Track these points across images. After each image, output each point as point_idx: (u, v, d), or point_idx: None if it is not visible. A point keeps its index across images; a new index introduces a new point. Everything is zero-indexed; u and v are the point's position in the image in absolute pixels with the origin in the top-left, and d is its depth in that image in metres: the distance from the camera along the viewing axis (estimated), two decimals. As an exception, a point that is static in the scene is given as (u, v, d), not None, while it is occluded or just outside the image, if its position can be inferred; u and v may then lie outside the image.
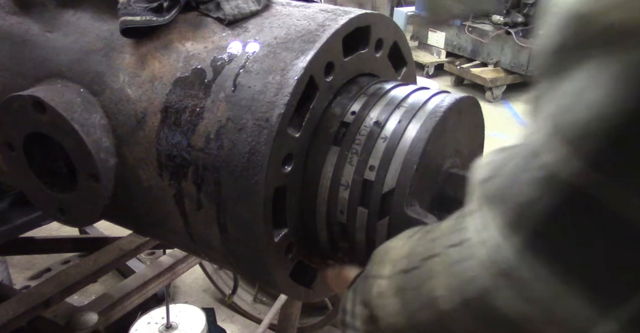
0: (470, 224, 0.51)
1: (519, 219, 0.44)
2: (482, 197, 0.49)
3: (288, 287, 0.99)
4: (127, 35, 0.99)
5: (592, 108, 0.38)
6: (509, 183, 0.45)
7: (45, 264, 3.12)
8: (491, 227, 0.47)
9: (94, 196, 1.01)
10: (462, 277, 0.50)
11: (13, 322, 1.54)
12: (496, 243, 0.46)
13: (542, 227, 0.42)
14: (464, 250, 0.50)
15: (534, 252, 0.43)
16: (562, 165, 0.40)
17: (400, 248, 0.65)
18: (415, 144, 0.83)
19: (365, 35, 0.98)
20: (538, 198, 0.42)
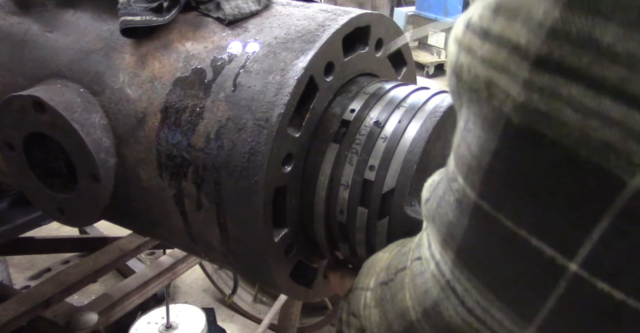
0: (422, 241, 0.55)
1: (447, 237, 0.48)
2: (424, 216, 0.54)
3: (288, 287, 0.99)
4: (127, 35, 0.99)
5: (467, 147, 0.44)
6: (437, 205, 0.50)
7: (45, 264, 3.12)
8: (433, 243, 0.51)
9: (94, 196, 1.01)
10: (421, 288, 0.53)
11: (13, 322, 1.54)
12: (439, 257, 0.50)
13: (463, 244, 0.46)
14: (423, 263, 0.54)
15: (463, 266, 0.47)
16: (462, 192, 0.45)
17: (384, 261, 0.69)
18: (415, 143, 0.83)
19: (365, 35, 0.99)
20: (456, 220, 0.46)
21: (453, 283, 0.48)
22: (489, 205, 0.42)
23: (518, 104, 0.37)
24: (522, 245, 0.41)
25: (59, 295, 1.66)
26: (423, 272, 0.53)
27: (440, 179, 0.53)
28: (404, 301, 0.57)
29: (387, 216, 0.84)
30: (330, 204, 0.91)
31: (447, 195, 0.48)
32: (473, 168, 0.43)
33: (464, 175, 0.45)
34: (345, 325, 0.75)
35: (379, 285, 0.65)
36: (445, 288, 0.49)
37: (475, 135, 0.42)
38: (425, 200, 0.54)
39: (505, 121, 0.39)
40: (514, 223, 0.41)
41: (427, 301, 0.52)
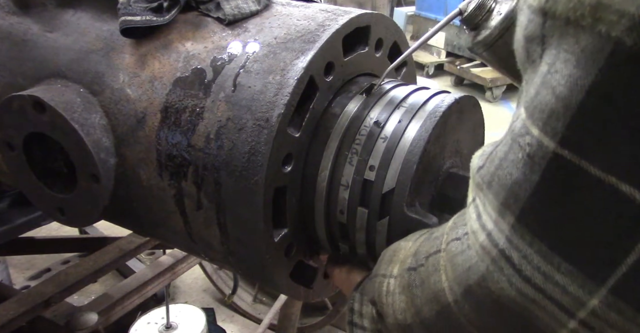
0: (468, 216, 0.53)
1: (509, 199, 0.46)
2: (476, 185, 0.51)
3: (288, 287, 0.99)
4: (127, 35, 0.99)
5: (552, 90, 0.41)
6: (498, 167, 0.48)
7: (45, 264, 3.12)
8: (487, 211, 0.49)
9: (94, 196, 1.01)
10: (463, 266, 0.51)
11: (13, 322, 1.54)
12: (492, 226, 0.48)
13: (530, 203, 0.44)
14: (464, 242, 0.52)
15: (524, 229, 0.44)
16: (536, 145, 0.43)
17: (409, 249, 0.67)
18: (415, 143, 0.83)
19: (365, 35, 0.98)
20: (523, 177, 0.44)
21: (509, 252, 0.45)
22: (571, 153, 0.40)
23: (637, 20, 0.35)
24: (609, 192, 0.38)
25: (59, 295, 1.66)
26: (465, 250, 0.51)
27: (497, 143, 0.50)
28: (439, 283, 0.55)
29: (387, 216, 0.84)
30: (330, 204, 0.91)
31: (511, 154, 0.46)
32: (557, 112, 0.41)
33: (542, 124, 0.42)
34: (357, 315, 0.74)
35: (406, 271, 0.63)
36: (497, 260, 0.47)
37: (564, 75, 0.40)
38: (478, 167, 0.52)
39: (612, 47, 0.36)
40: (601, 169, 0.39)
41: (471, 278, 0.50)
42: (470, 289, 0.50)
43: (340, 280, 0.96)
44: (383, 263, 0.71)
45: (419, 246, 0.65)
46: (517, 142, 0.45)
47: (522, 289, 0.45)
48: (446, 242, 0.56)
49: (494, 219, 0.47)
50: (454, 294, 0.53)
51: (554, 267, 0.43)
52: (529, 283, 0.44)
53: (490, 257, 0.47)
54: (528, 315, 0.46)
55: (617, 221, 0.39)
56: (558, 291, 0.43)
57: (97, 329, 1.65)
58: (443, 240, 0.57)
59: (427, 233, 0.67)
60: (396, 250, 0.71)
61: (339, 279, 0.96)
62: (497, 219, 0.47)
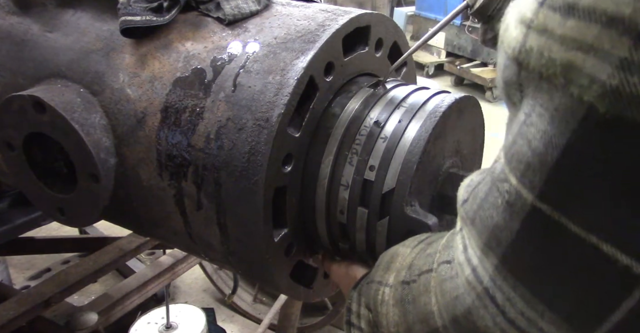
0: (455, 244, 0.52)
1: (491, 241, 0.45)
2: (461, 219, 0.50)
3: (288, 287, 0.99)
4: (127, 35, 0.99)
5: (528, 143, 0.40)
6: (479, 207, 0.47)
7: (45, 264, 3.12)
8: (471, 247, 0.48)
9: (93, 196, 1.01)
10: (451, 294, 0.50)
11: (13, 322, 1.54)
12: (477, 262, 0.47)
13: (512, 249, 0.43)
14: (453, 268, 0.51)
15: (507, 273, 0.43)
16: (515, 194, 0.42)
17: (405, 258, 0.67)
18: (415, 143, 0.83)
19: (365, 35, 0.98)
20: (504, 223, 0.43)
21: (493, 292, 0.45)
22: (550, 208, 0.39)
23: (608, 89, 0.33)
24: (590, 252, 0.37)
25: (59, 295, 1.66)
26: (453, 277, 0.50)
27: (481, 179, 0.49)
28: (429, 305, 0.54)
29: (387, 216, 0.84)
30: (330, 204, 0.91)
31: (491, 197, 0.45)
32: (534, 166, 0.39)
33: (519, 175, 0.41)
34: (355, 316, 0.73)
35: (400, 284, 0.62)
36: (482, 297, 0.46)
37: (539, 129, 0.39)
38: (463, 201, 0.51)
39: (585, 111, 0.35)
40: (582, 228, 0.37)
41: (457, 308, 0.49)
42: (457, 319, 0.50)
43: (339, 276, 0.95)
44: (380, 270, 0.71)
45: (414, 258, 0.64)
46: (496, 186, 0.44)
47: (507, 330, 0.44)
48: (438, 262, 0.56)
49: (478, 256, 0.46)
50: (443, 320, 0.52)
51: (538, 314, 0.42)
52: (513, 325, 0.44)
53: (476, 292, 0.47)
54: None
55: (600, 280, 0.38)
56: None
57: (97, 329, 1.65)
58: (435, 259, 0.57)
59: (424, 242, 0.67)
60: (394, 256, 0.70)
61: (338, 274, 0.96)
62: (481, 257, 0.46)
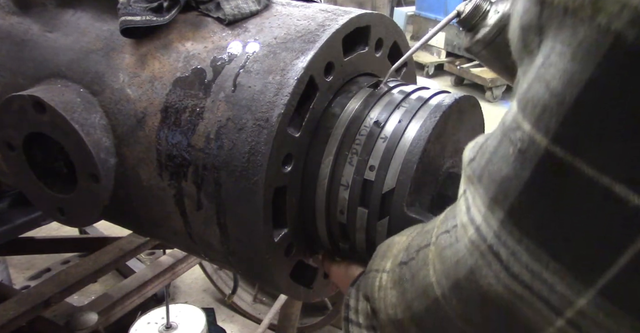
0: (458, 209, 0.52)
1: (499, 195, 0.45)
2: (467, 178, 0.50)
3: (288, 287, 0.99)
4: (127, 35, 0.99)
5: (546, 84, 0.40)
6: (488, 161, 0.47)
7: (45, 264, 3.12)
8: (477, 205, 0.48)
9: (93, 196, 1.01)
10: (451, 260, 0.50)
11: (13, 322, 1.54)
12: (480, 220, 0.47)
13: (520, 200, 0.43)
14: (452, 235, 0.52)
15: (513, 226, 0.44)
16: (528, 141, 0.42)
17: (402, 243, 0.67)
18: (415, 143, 0.83)
19: (365, 35, 0.98)
20: (514, 173, 0.43)
21: (496, 248, 0.45)
22: (564, 151, 0.39)
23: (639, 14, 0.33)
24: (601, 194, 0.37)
25: (59, 295, 1.66)
26: (453, 243, 0.51)
27: (488, 136, 0.49)
28: (427, 278, 0.54)
29: (387, 216, 0.84)
30: (330, 204, 0.91)
31: (502, 149, 0.45)
32: (550, 108, 0.39)
33: (534, 120, 0.41)
34: (353, 312, 0.73)
35: (398, 266, 0.63)
36: (485, 254, 0.46)
37: (559, 69, 0.39)
38: (469, 160, 0.51)
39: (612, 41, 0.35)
40: (595, 169, 0.37)
41: (459, 272, 0.49)
42: (459, 283, 0.50)
43: (339, 276, 0.95)
44: (377, 258, 0.71)
45: (411, 240, 0.64)
46: (507, 136, 0.44)
47: (510, 286, 0.44)
48: (436, 235, 0.56)
49: (483, 214, 0.47)
50: (442, 288, 0.52)
51: (542, 265, 0.42)
52: (516, 280, 0.44)
53: (479, 251, 0.47)
54: (515, 311, 0.45)
55: (609, 222, 0.38)
56: (546, 289, 0.42)
57: (97, 329, 1.65)
58: (433, 233, 0.57)
59: (420, 226, 0.67)
60: (390, 245, 0.71)
61: (337, 275, 0.96)
62: (486, 214, 0.46)
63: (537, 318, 0.44)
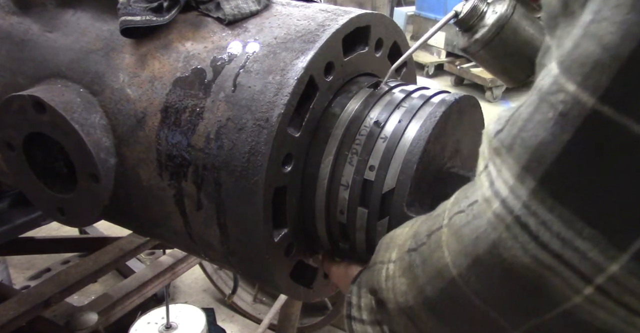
0: (478, 185, 0.51)
1: (532, 162, 0.44)
2: (494, 150, 0.49)
3: (288, 287, 0.99)
4: (127, 35, 0.99)
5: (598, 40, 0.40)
6: (521, 129, 0.46)
7: (45, 264, 3.12)
8: (503, 177, 0.47)
9: (93, 196, 1.01)
10: (469, 237, 0.50)
11: (13, 322, 1.54)
12: (507, 192, 0.46)
13: (556, 165, 0.43)
14: (469, 213, 0.51)
15: (546, 194, 0.43)
16: (571, 102, 0.41)
17: (406, 234, 0.66)
18: (415, 143, 0.83)
19: (365, 35, 0.98)
20: (552, 138, 0.43)
21: (524, 219, 0.44)
22: (612, 109, 0.39)
23: None
24: None
25: (59, 295, 1.66)
26: (471, 221, 0.50)
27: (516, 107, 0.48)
28: (442, 259, 0.54)
29: (387, 216, 0.84)
30: (330, 204, 0.91)
31: (539, 114, 0.44)
32: (602, 64, 0.39)
33: (580, 79, 0.40)
34: (355, 309, 0.73)
35: (406, 253, 0.62)
36: (511, 227, 0.46)
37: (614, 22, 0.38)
38: (496, 131, 0.49)
39: None
40: None
41: (479, 248, 0.49)
42: (479, 259, 0.49)
43: (339, 276, 0.95)
44: (381, 251, 0.71)
45: (417, 227, 0.64)
46: (546, 100, 0.44)
47: (537, 255, 0.44)
48: (448, 217, 0.55)
49: (510, 185, 0.46)
50: (459, 267, 0.52)
51: (576, 232, 0.42)
52: (545, 250, 0.44)
53: (504, 224, 0.46)
54: (541, 282, 0.45)
55: None
56: (577, 257, 0.42)
57: (97, 329, 1.65)
58: (445, 215, 0.56)
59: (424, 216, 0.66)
60: (393, 237, 0.70)
61: (337, 275, 0.96)
62: (514, 185, 0.46)
63: (564, 287, 0.44)
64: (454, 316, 0.56)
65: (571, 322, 0.46)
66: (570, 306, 0.45)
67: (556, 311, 0.46)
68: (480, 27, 0.93)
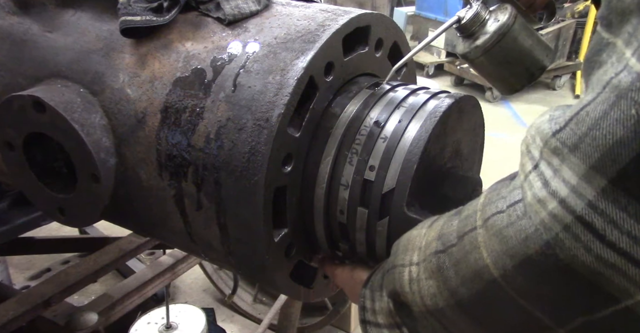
0: (527, 186, 0.51)
1: (605, 160, 0.44)
2: (552, 150, 0.49)
3: (288, 287, 0.99)
4: (127, 35, 0.99)
5: None
6: (592, 127, 0.45)
7: (45, 264, 3.12)
8: (563, 177, 0.47)
9: (93, 196, 1.01)
10: (517, 238, 0.49)
11: (13, 322, 1.54)
12: (567, 192, 0.46)
13: (637, 163, 0.42)
14: (512, 214, 0.51)
15: (620, 192, 0.43)
16: None
17: (425, 235, 0.66)
18: (415, 143, 0.83)
19: (365, 35, 0.98)
20: (633, 135, 0.42)
21: (590, 218, 0.44)
22: None
23: None
24: None
25: (59, 295, 1.66)
26: (516, 221, 0.50)
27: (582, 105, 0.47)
28: (480, 261, 0.53)
29: (387, 216, 0.84)
30: (330, 204, 0.91)
31: (615, 112, 0.44)
32: None
33: None
34: (370, 313, 0.73)
35: (434, 255, 0.61)
36: (571, 226, 0.45)
37: None
38: (554, 131, 0.49)
39: None
40: None
41: (529, 248, 0.48)
42: (529, 259, 0.49)
43: (343, 280, 0.95)
44: (399, 254, 0.70)
45: (440, 229, 0.63)
46: (627, 97, 0.43)
47: (602, 254, 0.44)
48: (483, 218, 0.55)
49: (574, 184, 0.46)
50: (502, 268, 0.51)
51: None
52: (611, 248, 0.44)
53: (563, 224, 0.46)
54: (601, 281, 0.45)
55: None
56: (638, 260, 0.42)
57: (97, 329, 1.65)
58: (477, 217, 0.56)
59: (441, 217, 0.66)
60: (410, 239, 0.69)
61: (342, 279, 0.95)
62: (578, 184, 0.45)
63: (628, 285, 0.44)
64: (491, 317, 0.56)
65: (629, 319, 0.46)
66: (632, 303, 0.45)
67: (613, 308, 0.46)
68: (482, 34, 0.95)
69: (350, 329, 2.90)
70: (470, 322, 0.57)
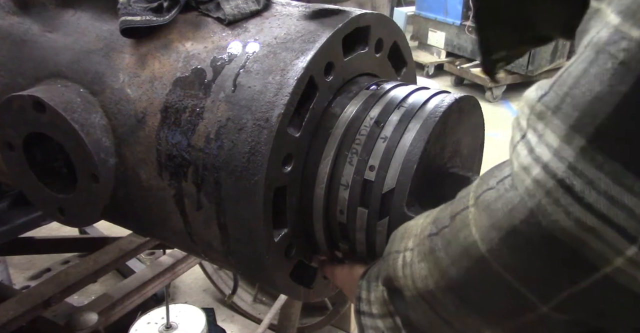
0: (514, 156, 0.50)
1: (583, 118, 0.43)
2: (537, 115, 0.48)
3: (288, 287, 0.99)
4: (127, 35, 0.99)
5: None
6: (572, 86, 0.45)
7: (45, 264, 3.12)
8: (546, 142, 0.46)
9: (93, 196, 1.01)
10: (503, 211, 0.49)
11: (13, 322, 1.54)
12: (549, 157, 0.45)
13: (611, 118, 0.42)
14: (500, 188, 0.50)
15: (596, 150, 0.42)
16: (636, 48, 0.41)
17: (421, 223, 0.65)
18: (415, 143, 0.83)
19: (365, 35, 0.98)
20: (609, 89, 0.42)
21: (570, 180, 0.44)
22: None
23: None
24: None
25: (59, 295, 1.66)
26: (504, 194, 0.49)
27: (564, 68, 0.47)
28: (469, 237, 0.53)
29: (387, 216, 0.84)
30: (330, 204, 0.91)
31: (594, 67, 0.43)
32: None
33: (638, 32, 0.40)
34: (365, 303, 0.73)
35: (427, 238, 0.61)
36: (552, 191, 0.45)
37: None
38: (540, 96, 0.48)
39: None
40: None
41: (514, 219, 0.48)
42: (514, 230, 0.48)
43: (343, 279, 0.95)
44: (395, 241, 0.70)
45: (436, 214, 0.63)
46: (605, 51, 0.43)
47: (580, 218, 0.43)
48: (474, 197, 0.54)
49: (555, 148, 0.45)
50: (489, 243, 0.51)
51: (626, 188, 0.41)
52: (589, 210, 0.43)
53: (544, 190, 0.45)
54: (580, 247, 0.45)
55: None
56: (623, 215, 0.42)
57: (97, 329, 1.65)
58: (470, 197, 0.55)
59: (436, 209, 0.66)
60: (407, 228, 0.69)
61: (341, 278, 0.95)
62: (559, 147, 0.45)
63: (605, 250, 0.43)
64: (479, 296, 0.55)
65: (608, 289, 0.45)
66: (610, 270, 0.44)
67: (594, 277, 0.45)
68: None
69: (350, 329, 2.90)
70: (459, 303, 0.57)
